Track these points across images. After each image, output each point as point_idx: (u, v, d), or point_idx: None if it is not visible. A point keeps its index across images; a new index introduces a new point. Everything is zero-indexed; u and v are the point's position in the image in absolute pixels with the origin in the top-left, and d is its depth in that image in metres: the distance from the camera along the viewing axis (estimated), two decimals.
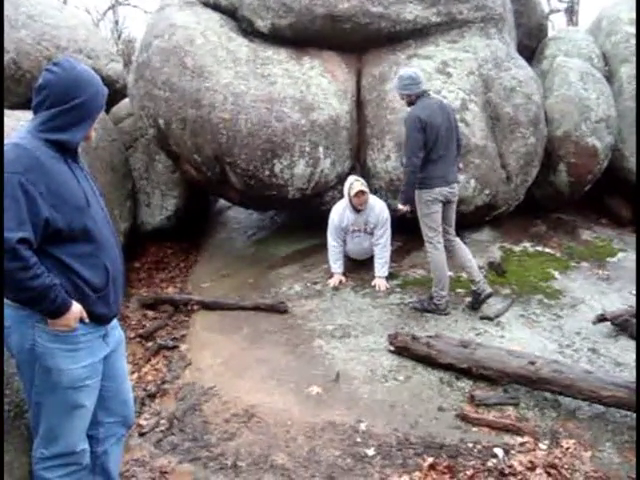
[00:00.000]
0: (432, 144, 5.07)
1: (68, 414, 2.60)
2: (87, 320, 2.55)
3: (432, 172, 5.11)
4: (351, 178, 5.99)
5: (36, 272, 2.32)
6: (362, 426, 3.80)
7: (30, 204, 2.31)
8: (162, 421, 3.98)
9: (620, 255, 6.70)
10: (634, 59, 7.81)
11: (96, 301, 2.58)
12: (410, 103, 5.26)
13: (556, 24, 16.76)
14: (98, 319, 2.62)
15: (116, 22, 20.86)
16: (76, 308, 2.48)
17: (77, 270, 2.50)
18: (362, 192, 5.78)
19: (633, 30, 8.03)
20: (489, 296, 5.31)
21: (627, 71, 7.81)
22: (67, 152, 2.55)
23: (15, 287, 2.33)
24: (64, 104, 2.47)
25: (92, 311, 2.57)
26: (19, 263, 2.28)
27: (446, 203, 5.26)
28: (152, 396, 4.36)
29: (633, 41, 7.92)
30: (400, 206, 5.28)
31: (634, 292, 5.78)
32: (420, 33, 6.98)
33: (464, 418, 3.84)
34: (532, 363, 3.98)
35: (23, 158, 2.34)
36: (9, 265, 2.26)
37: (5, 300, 2.45)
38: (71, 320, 2.47)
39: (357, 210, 5.90)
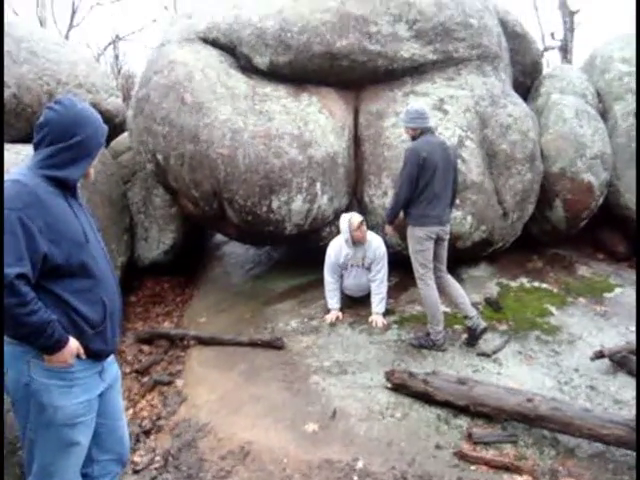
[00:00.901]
0: (428, 180, 5.11)
1: (62, 451, 2.59)
2: (84, 356, 2.56)
3: (427, 210, 5.14)
4: (347, 214, 6.01)
5: (33, 308, 2.34)
6: (359, 464, 3.76)
7: (29, 239, 2.34)
8: (157, 458, 3.95)
9: (617, 291, 6.69)
10: (628, 97, 7.92)
11: (93, 337, 2.59)
12: (413, 138, 5.31)
13: (550, 61, 17.02)
14: (95, 355, 2.62)
15: (116, 57, 21.11)
16: (73, 344, 2.50)
17: (74, 306, 2.51)
18: (362, 222, 5.84)
19: (626, 68, 8.15)
20: (484, 331, 5.30)
21: (621, 108, 7.92)
22: (66, 188, 2.59)
23: (12, 322, 2.34)
24: (64, 142, 2.53)
25: (89, 347, 2.57)
26: (17, 299, 2.30)
27: (438, 240, 5.28)
28: (147, 432, 4.33)
29: (626, 79, 8.03)
30: (386, 227, 5.45)
31: (632, 328, 5.77)
32: (417, 70, 7.07)
33: (462, 456, 3.81)
34: (530, 400, 3.96)
35: (23, 194, 2.38)
36: (7, 300, 2.28)
37: (6, 337, 2.46)
38: (68, 356, 2.48)
39: (355, 245, 5.91)
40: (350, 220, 5.87)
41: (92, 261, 2.60)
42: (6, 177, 2.44)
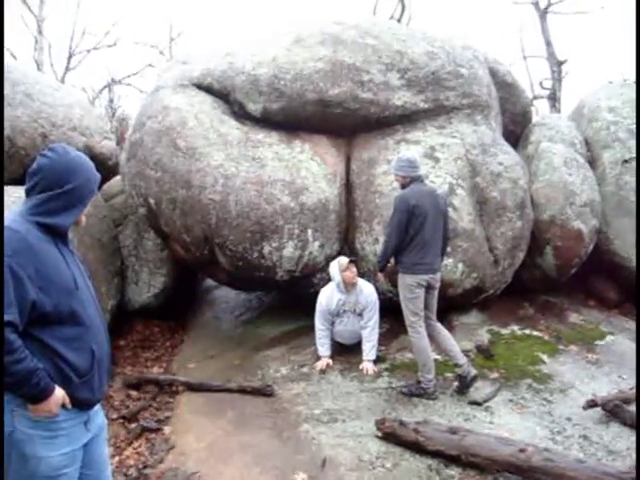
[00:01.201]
0: (418, 228, 5.14)
1: None
2: (69, 406, 2.50)
3: (418, 258, 5.16)
4: (337, 259, 6.04)
5: (20, 356, 2.30)
6: None
7: (18, 286, 2.32)
8: None
9: (609, 338, 6.68)
10: (615, 145, 8.05)
11: (80, 386, 2.54)
12: (403, 186, 5.35)
13: (539, 110, 17.28)
14: (81, 404, 2.57)
15: (111, 100, 21.32)
16: (59, 393, 2.44)
17: (62, 354, 2.47)
18: (352, 262, 5.87)
19: (612, 118, 8.30)
20: (475, 378, 5.27)
21: (609, 157, 8.03)
22: (57, 235, 2.57)
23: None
24: (56, 189, 2.52)
25: (75, 396, 2.52)
26: (7, 346, 2.26)
27: (428, 289, 5.29)
28: None
29: (613, 128, 8.17)
30: (378, 274, 5.44)
31: (624, 376, 5.75)
32: (408, 118, 7.17)
33: None
34: (522, 451, 3.91)
35: (13, 241, 2.35)
36: None
37: None
38: (53, 405, 2.42)
39: (347, 289, 5.90)
40: (339, 261, 5.91)
41: (81, 308, 2.56)
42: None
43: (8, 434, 2.41)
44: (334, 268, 5.91)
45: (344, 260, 5.88)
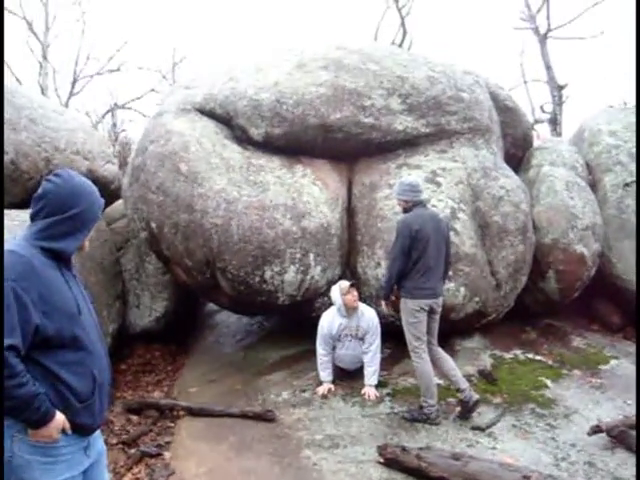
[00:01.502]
0: (421, 253, 5.14)
1: None
2: (69, 431, 2.49)
3: (421, 283, 5.16)
4: (336, 284, 6.03)
5: (21, 380, 2.31)
6: None
7: (21, 311, 2.33)
8: None
9: (612, 362, 6.64)
10: (616, 169, 8.07)
11: (81, 411, 2.53)
12: (406, 210, 5.36)
13: (540, 134, 17.34)
14: (81, 430, 2.56)
15: (114, 125, 21.46)
16: (59, 418, 2.44)
17: (63, 378, 2.47)
18: (352, 286, 5.84)
19: (613, 141, 8.35)
20: (477, 403, 5.23)
21: (610, 180, 8.06)
22: (61, 260, 2.58)
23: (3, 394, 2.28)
24: (60, 214, 2.54)
25: (76, 421, 2.52)
26: (6, 370, 2.26)
27: (430, 313, 5.28)
28: None
29: (614, 152, 8.21)
30: (382, 302, 5.39)
31: (629, 401, 5.70)
32: (410, 143, 7.21)
33: None
34: (526, 477, 3.88)
35: (17, 265, 2.37)
36: None
37: None
38: (53, 431, 2.42)
39: (348, 314, 5.88)
40: (340, 285, 5.90)
41: (83, 333, 2.56)
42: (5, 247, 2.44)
43: (7, 460, 2.39)
44: (335, 292, 5.90)
45: (345, 284, 5.88)
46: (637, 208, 7.57)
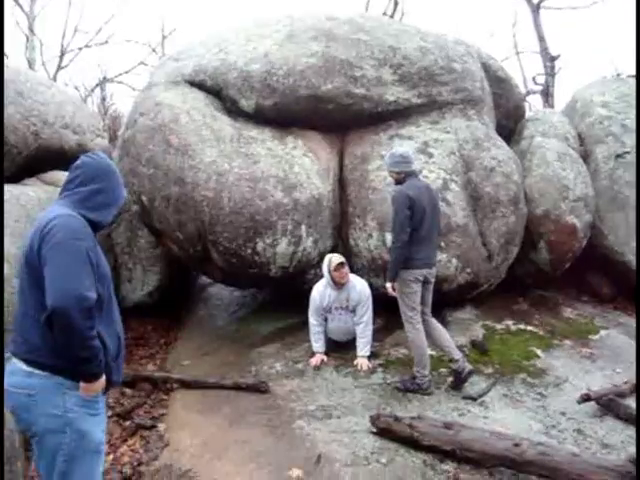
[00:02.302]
0: (417, 224, 5.12)
1: (94, 477, 2.72)
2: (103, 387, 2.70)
3: (415, 253, 5.14)
4: (329, 255, 6.02)
5: (95, 334, 2.54)
6: None
7: (92, 270, 2.59)
8: None
9: (602, 333, 6.71)
10: (608, 140, 8.07)
11: (112, 368, 2.73)
12: (398, 181, 5.34)
13: (532, 105, 17.29)
14: (110, 386, 2.76)
15: (103, 98, 21.21)
16: (103, 373, 2.65)
17: (103, 337, 2.64)
18: (341, 264, 5.80)
19: (605, 112, 8.33)
20: (470, 374, 5.26)
21: (602, 151, 8.06)
22: (96, 231, 2.81)
23: (79, 344, 2.48)
24: (93, 184, 2.80)
25: (108, 378, 2.70)
26: (90, 322, 2.49)
27: (425, 283, 5.28)
28: (127, 479, 4.22)
29: (606, 123, 8.20)
30: (388, 284, 5.28)
31: (618, 370, 5.77)
32: (402, 114, 7.17)
33: None
34: (517, 445, 3.91)
35: (82, 227, 2.66)
36: (83, 322, 2.45)
37: (29, 369, 2.57)
38: (99, 385, 2.65)
39: (338, 286, 5.89)
40: (330, 259, 5.88)
41: (112, 296, 2.81)
42: (52, 213, 2.66)
43: (60, 415, 2.57)
44: (325, 263, 5.90)
45: (334, 261, 5.84)
46: (637, 183, 7.57)
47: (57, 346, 2.52)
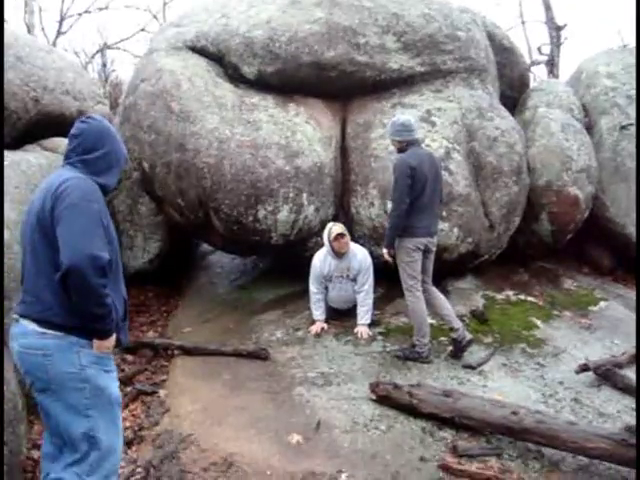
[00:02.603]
0: (418, 192, 5.10)
1: (117, 429, 2.81)
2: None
3: (416, 222, 5.13)
4: (330, 224, 6.02)
5: (108, 292, 2.60)
6: (343, 476, 3.72)
7: (104, 231, 2.66)
8: (138, 469, 3.87)
9: (602, 304, 6.72)
10: (613, 111, 8.01)
11: (120, 328, 2.79)
12: (400, 150, 5.31)
13: (537, 75, 17.14)
14: (118, 345, 2.83)
15: (104, 65, 21.00)
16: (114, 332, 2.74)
17: (113, 298, 2.69)
18: (341, 235, 5.79)
19: (611, 83, 8.26)
20: (470, 343, 5.29)
21: (606, 123, 8.01)
22: (104, 195, 2.84)
23: (95, 302, 2.55)
24: (95, 150, 2.82)
25: (117, 337, 2.77)
26: (104, 280, 2.55)
27: (425, 252, 5.27)
28: (129, 443, 4.25)
29: (612, 94, 8.13)
30: (384, 250, 5.28)
31: (617, 341, 5.80)
32: (405, 82, 7.10)
33: (446, 469, 3.77)
34: (515, 413, 3.94)
35: (95, 191, 2.71)
36: (98, 281, 2.51)
37: (42, 330, 2.61)
38: (111, 343, 2.71)
39: (338, 255, 5.89)
40: (330, 229, 5.87)
41: (119, 261, 2.87)
42: (63, 176, 2.69)
43: (77, 372, 2.62)
44: (325, 232, 5.89)
45: (334, 231, 5.83)
46: (637, 155, 7.52)
47: (71, 305, 2.57)
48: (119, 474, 3.16)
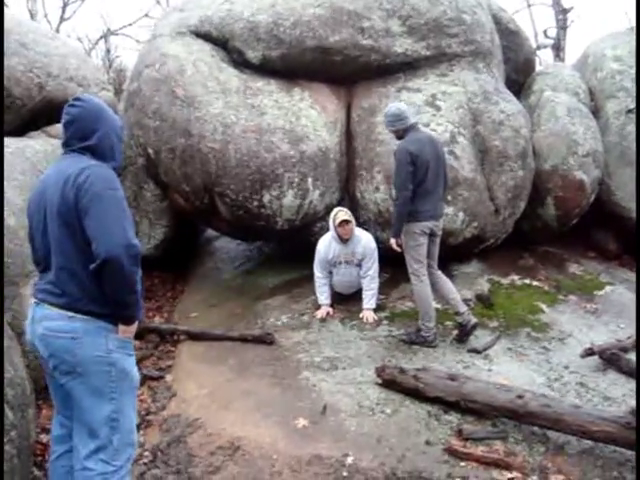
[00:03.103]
0: (421, 177, 5.09)
1: (134, 413, 2.84)
2: None
3: (421, 206, 5.12)
4: (335, 209, 6.01)
5: (139, 279, 2.64)
6: (349, 460, 3.74)
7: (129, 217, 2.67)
8: (146, 453, 3.90)
9: (607, 289, 6.72)
10: (620, 95, 7.94)
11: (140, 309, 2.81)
12: (399, 137, 5.29)
13: (543, 59, 17.02)
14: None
15: (108, 51, 20.95)
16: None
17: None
18: (346, 221, 5.79)
19: (618, 67, 8.18)
20: (475, 327, 5.30)
21: (613, 107, 7.94)
22: None
23: (130, 289, 2.59)
24: (95, 132, 2.79)
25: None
26: (137, 268, 2.59)
27: (431, 236, 5.27)
28: (136, 427, 4.28)
29: (618, 77, 8.06)
30: (392, 240, 5.27)
31: (622, 325, 5.80)
32: (410, 66, 7.06)
33: (452, 452, 3.79)
34: (520, 397, 3.95)
35: (115, 179, 2.69)
36: (132, 269, 2.55)
37: (71, 313, 2.61)
38: (135, 327, 2.75)
39: (343, 241, 5.89)
40: (335, 215, 5.87)
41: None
42: (79, 164, 2.65)
43: (105, 355, 2.65)
44: (331, 220, 5.89)
45: (339, 217, 5.82)
46: (637, 137, 7.48)
47: (101, 294, 2.59)
48: None
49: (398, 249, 5.26)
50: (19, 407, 3.04)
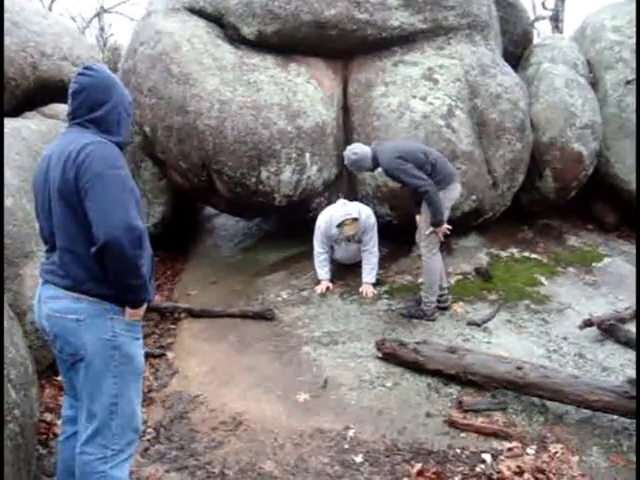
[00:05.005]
0: (431, 167, 5.16)
1: (138, 399, 2.76)
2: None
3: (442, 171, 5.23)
4: (341, 210, 5.83)
5: (144, 262, 2.57)
6: (350, 433, 3.79)
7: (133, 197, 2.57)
8: (149, 430, 3.94)
9: (606, 260, 6.75)
10: (618, 66, 7.88)
11: (148, 286, 2.73)
12: (375, 167, 5.45)
13: (541, 31, 16.89)
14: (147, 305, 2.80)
15: (102, 29, 20.78)
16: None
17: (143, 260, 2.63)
18: (346, 223, 5.74)
19: (617, 37, 8.10)
20: (446, 309, 5.45)
21: (611, 78, 7.88)
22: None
23: (132, 274, 2.50)
24: (103, 104, 2.66)
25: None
26: (141, 251, 2.52)
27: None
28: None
29: (617, 48, 7.99)
30: (443, 227, 5.27)
31: (620, 297, 5.83)
32: (406, 40, 7.00)
33: (452, 424, 3.84)
34: (519, 368, 3.99)
35: (119, 156, 2.57)
36: (135, 252, 2.46)
37: (76, 294, 2.55)
38: (143, 310, 2.68)
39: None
40: (331, 217, 5.84)
41: (144, 219, 2.74)
42: (81, 140, 2.53)
43: (109, 339, 2.58)
44: (335, 221, 5.81)
45: (345, 231, 5.76)
46: (637, 109, 7.44)
47: (105, 277, 2.51)
48: None
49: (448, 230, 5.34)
50: (22, 386, 3.05)
